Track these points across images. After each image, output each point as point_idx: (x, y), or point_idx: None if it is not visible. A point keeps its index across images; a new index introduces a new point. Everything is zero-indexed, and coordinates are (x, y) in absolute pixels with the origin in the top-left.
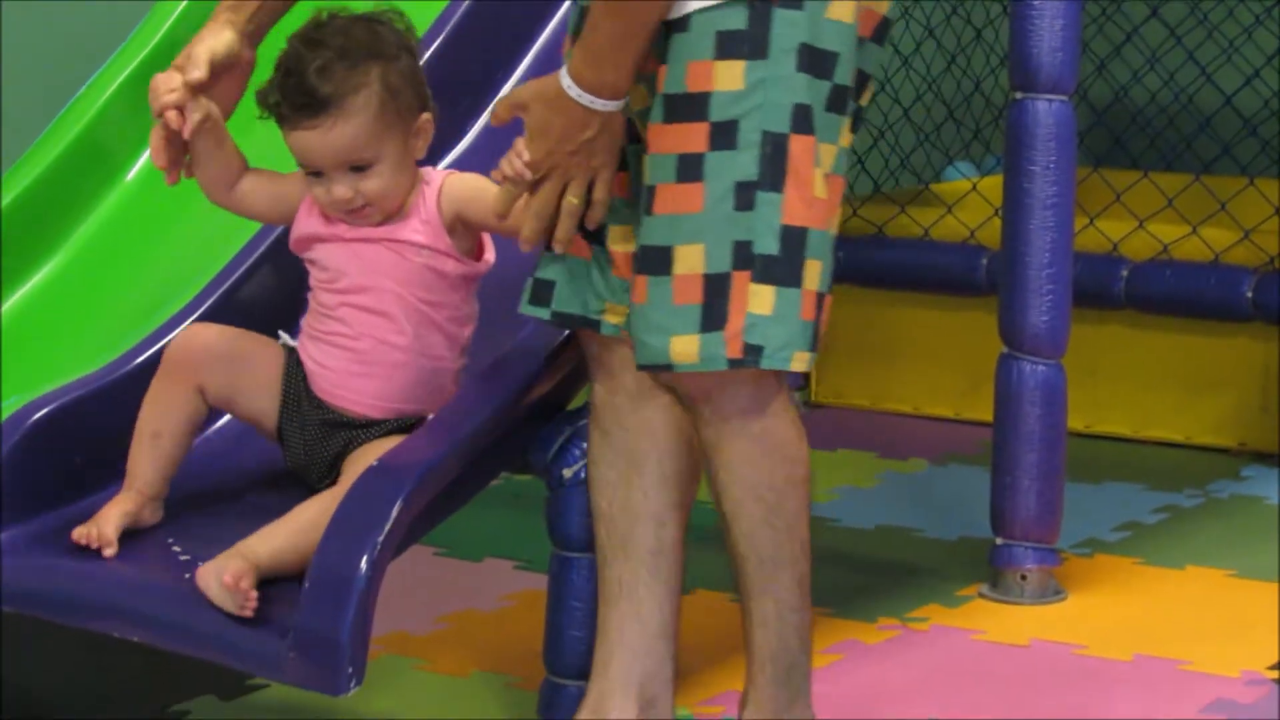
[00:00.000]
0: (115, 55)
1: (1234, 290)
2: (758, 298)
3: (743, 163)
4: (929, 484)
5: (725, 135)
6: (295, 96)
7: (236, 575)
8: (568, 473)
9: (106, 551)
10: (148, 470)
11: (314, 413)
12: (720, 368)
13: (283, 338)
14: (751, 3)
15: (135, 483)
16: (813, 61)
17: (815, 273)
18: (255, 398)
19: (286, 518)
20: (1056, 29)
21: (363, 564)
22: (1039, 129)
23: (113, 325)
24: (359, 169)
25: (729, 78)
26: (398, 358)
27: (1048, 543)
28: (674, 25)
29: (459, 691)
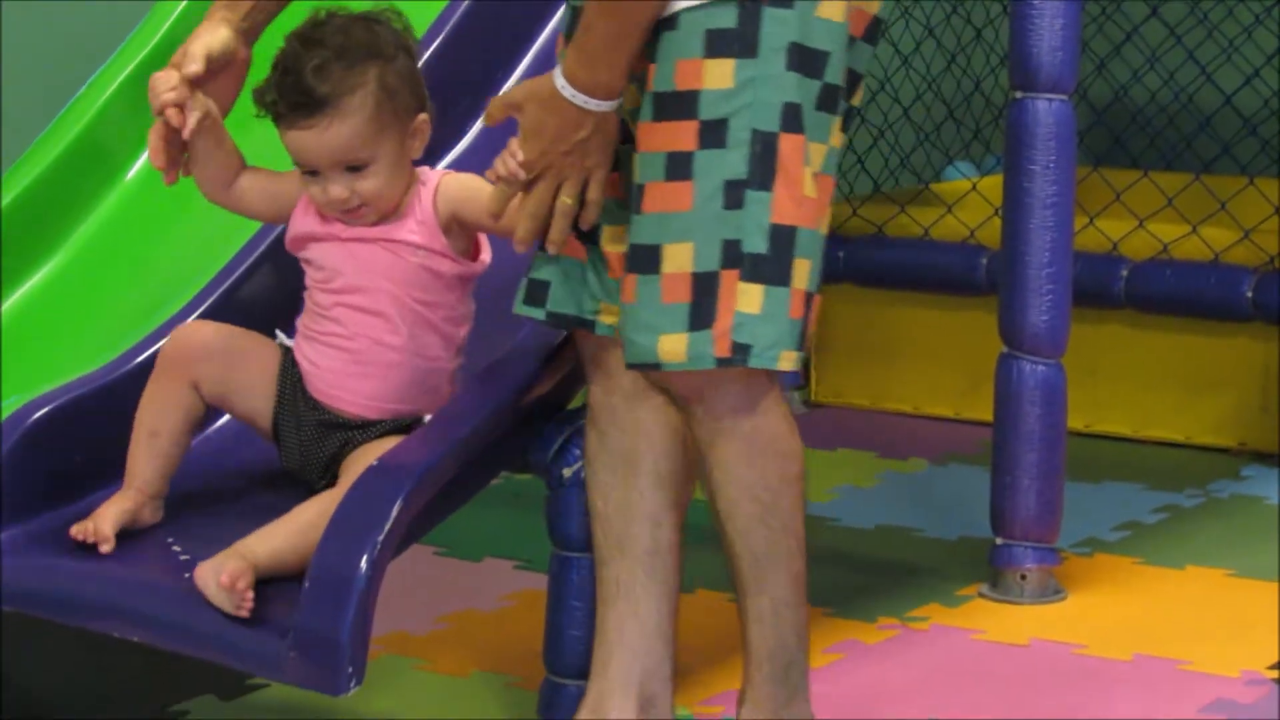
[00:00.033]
0: (115, 55)
1: (1234, 290)
2: (746, 296)
3: (732, 161)
4: (929, 484)
5: (714, 134)
6: (292, 95)
7: (233, 576)
8: (567, 472)
9: (103, 548)
10: (146, 469)
11: (310, 413)
12: (708, 366)
13: (279, 337)
14: (741, 2)
15: (134, 481)
16: (803, 60)
17: (804, 272)
18: (250, 396)
19: (285, 518)
20: (1056, 28)
21: (363, 564)
22: (1039, 128)
23: (113, 325)
24: (355, 169)
25: (718, 76)
26: (393, 358)
27: (1047, 542)
28: (663, 23)
29: (459, 691)
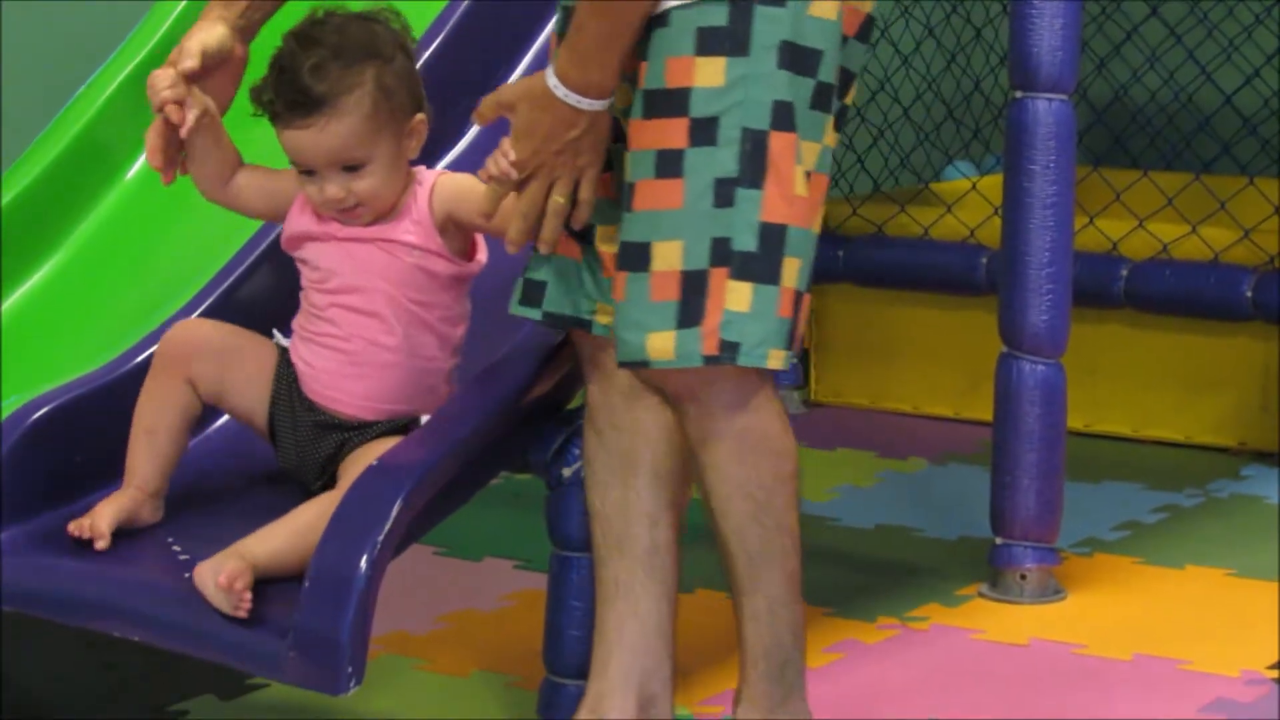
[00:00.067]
0: (115, 55)
1: (1234, 289)
2: (735, 294)
3: (722, 159)
4: (928, 483)
5: (705, 131)
6: (289, 94)
7: (231, 576)
8: (567, 472)
9: (98, 544)
10: (144, 466)
11: (306, 414)
12: (696, 364)
13: (276, 337)
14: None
15: (133, 479)
16: (795, 59)
17: (794, 270)
18: (245, 395)
19: (285, 519)
20: (1056, 28)
21: (362, 563)
22: (1039, 128)
23: (113, 325)
24: (352, 168)
25: (709, 74)
26: (388, 359)
27: (1047, 542)
28: (655, 21)
29: (459, 691)
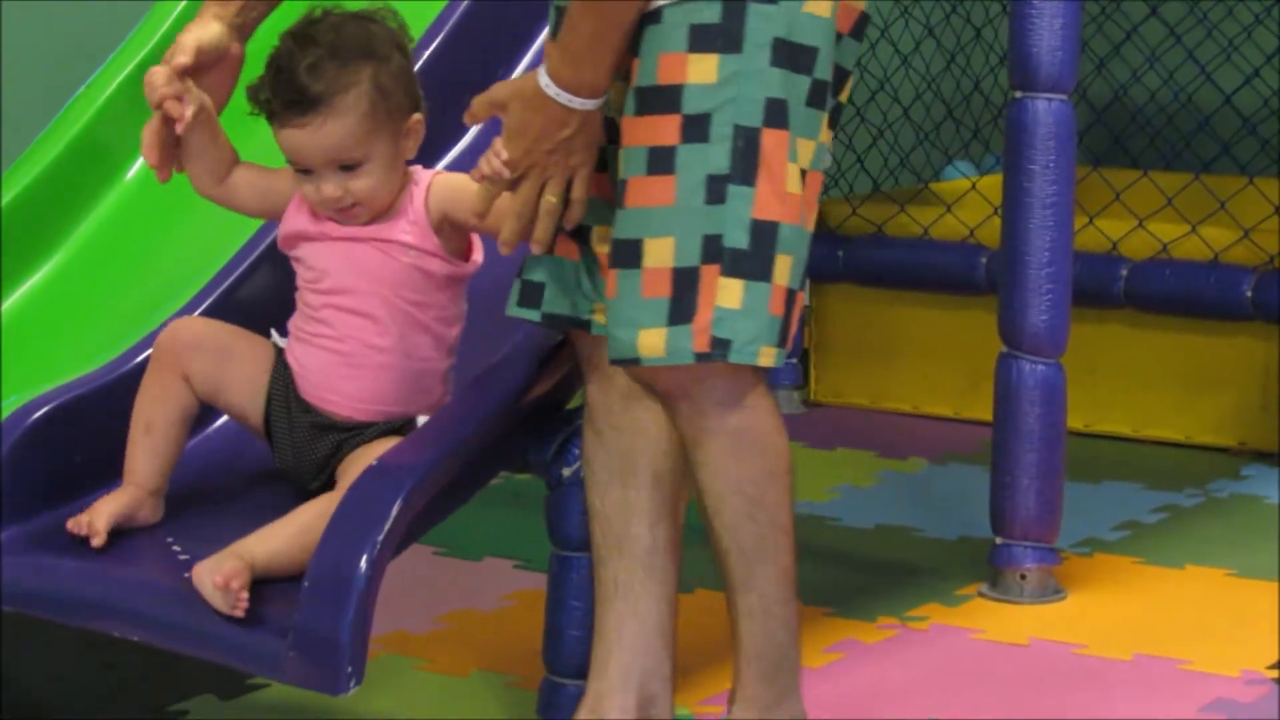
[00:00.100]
0: (115, 55)
1: (1233, 289)
2: (726, 291)
3: (714, 156)
4: (928, 483)
5: (697, 128)
6: (285, 94)
7: (228, 576)
8: (567, 472)
9: (94, 541)
10: (142, 464)
11: (302, 415)
12: (687, 361)
13: (274, 337)
14: None
15: (132, 478)
16: (789, 56)
17: (786, 268)
18: (240, 393)
19: (284, 519)
20: (1056, 28)
21: (362, 563)
22: (1038, 128)
23: (113, 324)
24: (348, 168)
25: (702, 71)
26: (382, 359)
27: (1047, 542)
28: (647, 18)
29: (459, 691)
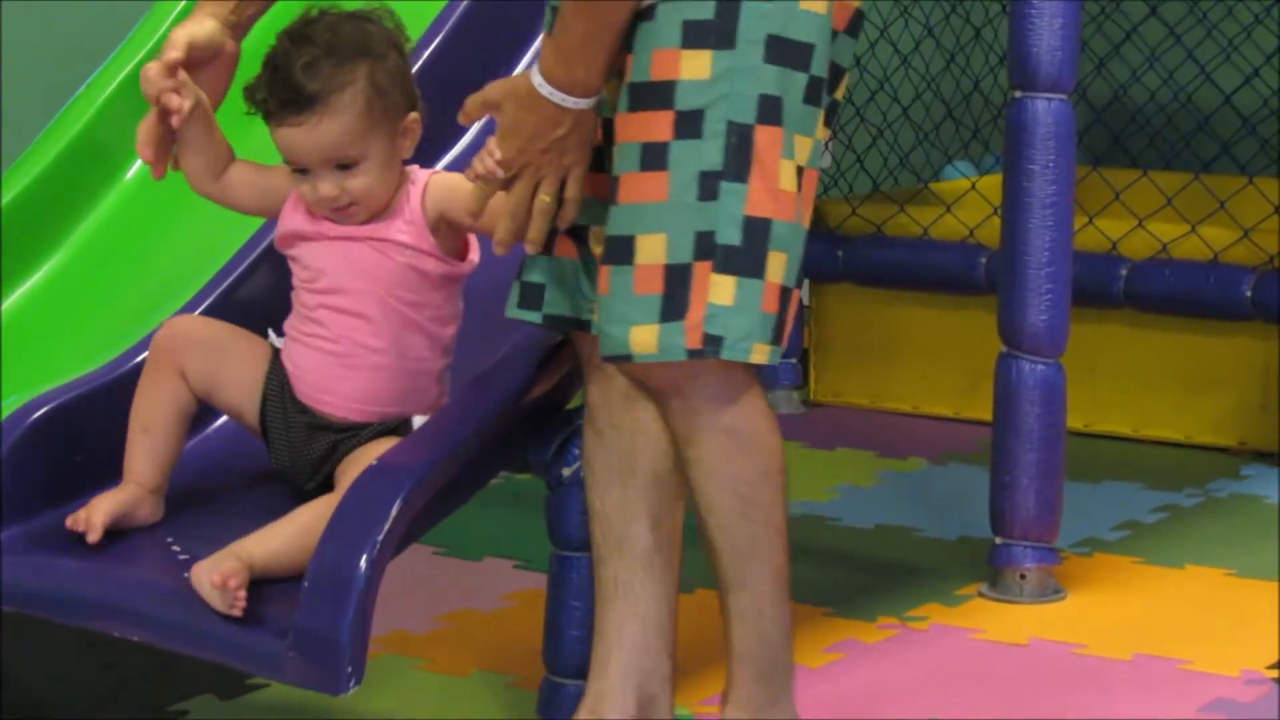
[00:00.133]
0: (115, 55)
1: (1233, 289)
2: (718, 288)
3: (707, 152)
4: (928, 483)
5: (690, 124)
6: (281, 93)
7: (225, 575)
8: (567, 472)
9: (90, 536)
10: (141, 462)
11: (298, 416)
12: (679, 358)
13: (271, 337)
14: None
15: (131, 476)
16: (784, 53)
17: (779, 265)
18: (235, 391)
19: (283, 520)
20: (1056, 28)
21: (362, 563)
22: (1038, 128)
23: (113, 324)
24: (345, 167)
25: (695, 67)
26: (376, 360)
27: (1047, 542)
28: (641, 15)
29: (459, 691)
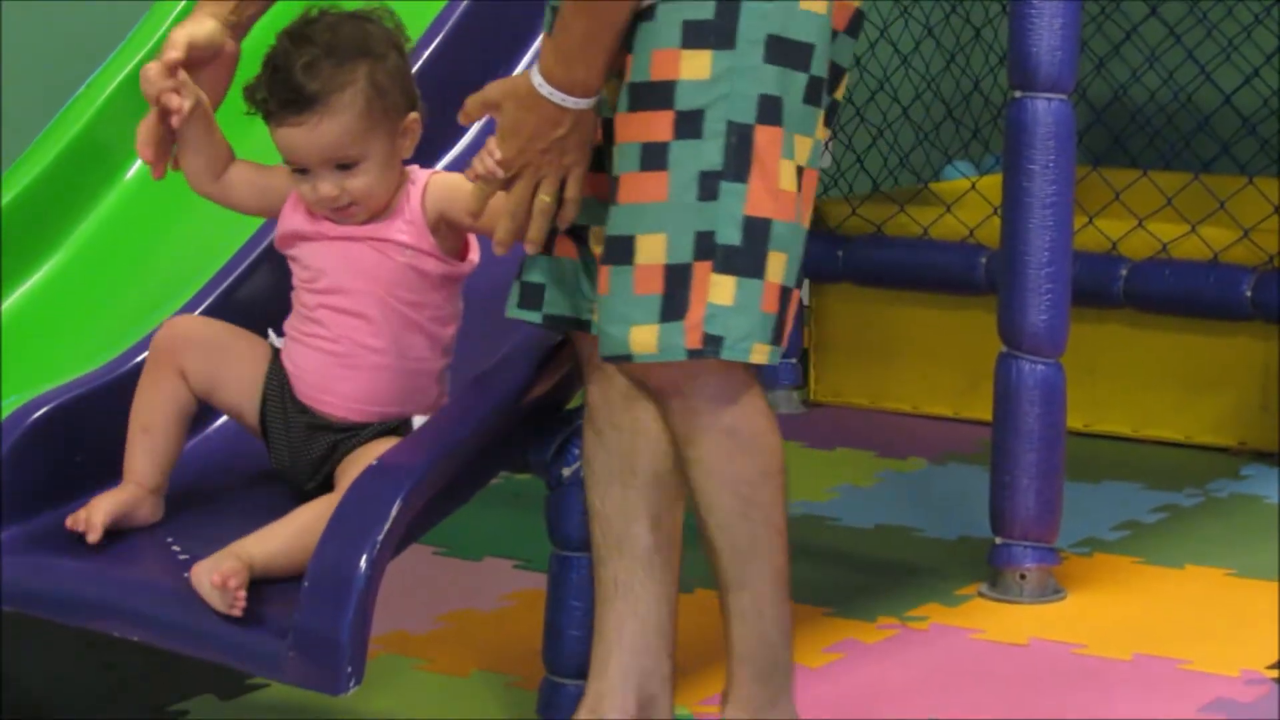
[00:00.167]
0: (115, 55)
1: (1233, 289)
2: (718, 288)
3: (707, 152)
4: (928, 483)
5: (690, 124)
6: (281, 93)
7: (225, 575)
8: (567, 472)
9: (90, 536)
10: (141, 462)
11: (298, 416)
12: (679, 358)
13: (271, 337)
14: None
15: (131, 476)
16: (785, 53)
17: (779, 265)
18: (235, 391)
19: (283, 520)
20: (1055, 28)
21: (362, 563)
22: (1038, 128)
23: (113, 324)
24: (345, 167)
25: (695, 67)
26: (376, 360)
27: (1047, 542)
28: (641, 15)
29: (459, 691)
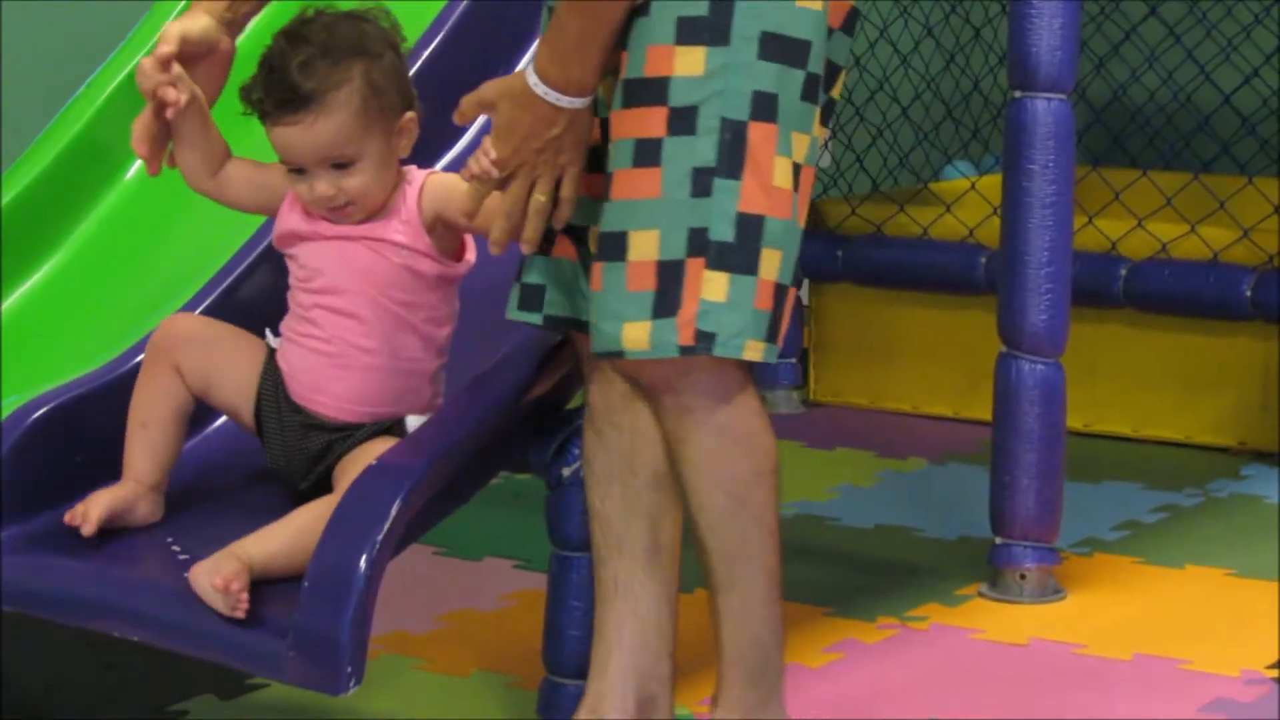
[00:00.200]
0: (115, 54)
1: (1233, 289)
2: (711, 284)
3: (700, 148)
4: (928, 483)
5: (684, 120)
6: (277, 92)
7: (228, 578)
8: (567, 472)
9: (84, 529)
10: (139, 459)
11: (292, 415)
12: (671, 354)
13: (268, 337)
14: None
15: (130, 473)
16: (780, 50)
17: (773, 262)
18: (229, 389)
19: (282, 521)
20: (1055, 28)
21: (362, 563)
22: (1038, 128)
23: (113, 324)
24: (341, 166)
25: (689, 63)
26: (368, 360)
27: (1047, 542)
28: (636, 11)
29: (459, 691)
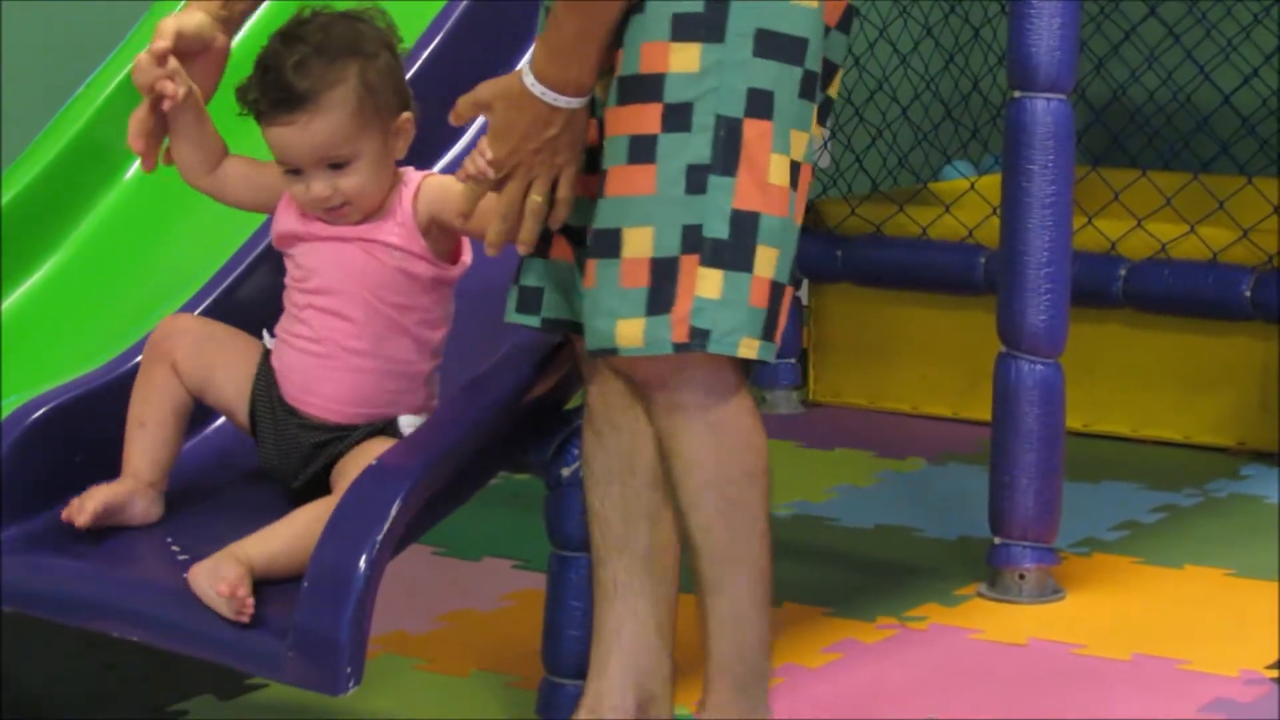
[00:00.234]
0: (115, 55)
1: (1232, 289)
2: (706, 281)
3: (695, 145)
4: (927, 483)
5: (679, 117)
6: (272, 92)
7: (233, 584)
8: (566, 472)
9: (78, 520)
10: (137, 457)
11: (285, 416)
12: (665, 351)
13: (265, 337)
14: None
15: (129, 471)
16: (776, 47)
17: (769, 260)
18: (225, 388)
19: (283, 521)
20: (1055, 28)
21: (361, 563)
22: (1037, 128)
23: (113, 324)
24: (337, 166)
25: (684, 60)
26: (358, 362)
27: (1046, 542)
28: (631, 8)
29: (458, 691)
